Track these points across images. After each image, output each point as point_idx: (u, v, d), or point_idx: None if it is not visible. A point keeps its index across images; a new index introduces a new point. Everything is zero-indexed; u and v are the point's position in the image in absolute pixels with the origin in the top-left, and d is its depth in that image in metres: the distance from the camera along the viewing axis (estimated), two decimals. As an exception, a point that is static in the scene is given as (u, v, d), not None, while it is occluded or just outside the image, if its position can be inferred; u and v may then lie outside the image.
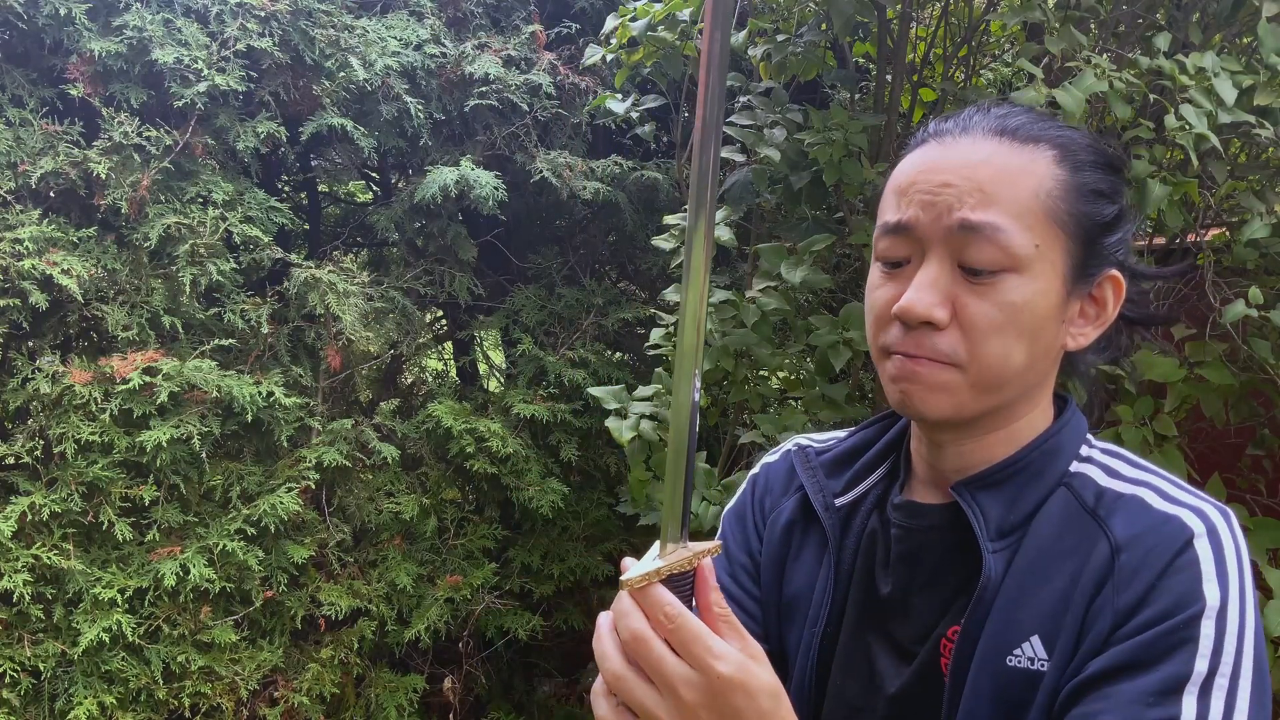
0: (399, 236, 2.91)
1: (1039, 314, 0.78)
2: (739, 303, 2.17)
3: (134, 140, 2.38)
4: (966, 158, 0.79)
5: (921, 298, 0.77)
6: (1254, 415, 2.23)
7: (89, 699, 2.25)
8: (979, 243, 0.76)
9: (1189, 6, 2.31)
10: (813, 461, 0.97)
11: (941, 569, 0.84)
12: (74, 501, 2.28)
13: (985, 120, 0.82)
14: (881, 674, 0.85)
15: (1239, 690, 0.70)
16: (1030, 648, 0.76)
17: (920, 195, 0.79)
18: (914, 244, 0.80)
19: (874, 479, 0.93)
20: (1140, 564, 0.74)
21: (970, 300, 0.77)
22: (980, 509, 0.81)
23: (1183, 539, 0.74)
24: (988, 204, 0.77)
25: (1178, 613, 0.71)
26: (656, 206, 3.18)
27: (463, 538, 2.91)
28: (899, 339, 0.80)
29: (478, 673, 2.95)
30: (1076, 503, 0.80)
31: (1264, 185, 2.24)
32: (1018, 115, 0.82)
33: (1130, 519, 0.77)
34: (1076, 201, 0.79)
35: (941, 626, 0.82)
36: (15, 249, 2.24)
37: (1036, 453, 0.83)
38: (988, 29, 2.73)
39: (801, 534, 0.95)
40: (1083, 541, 0.77)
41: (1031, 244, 0.77)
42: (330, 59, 2.62)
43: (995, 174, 0.78)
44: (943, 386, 0.78)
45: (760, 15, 2.42)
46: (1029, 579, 0.78)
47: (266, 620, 2.55)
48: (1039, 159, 0.79)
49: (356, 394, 3.02)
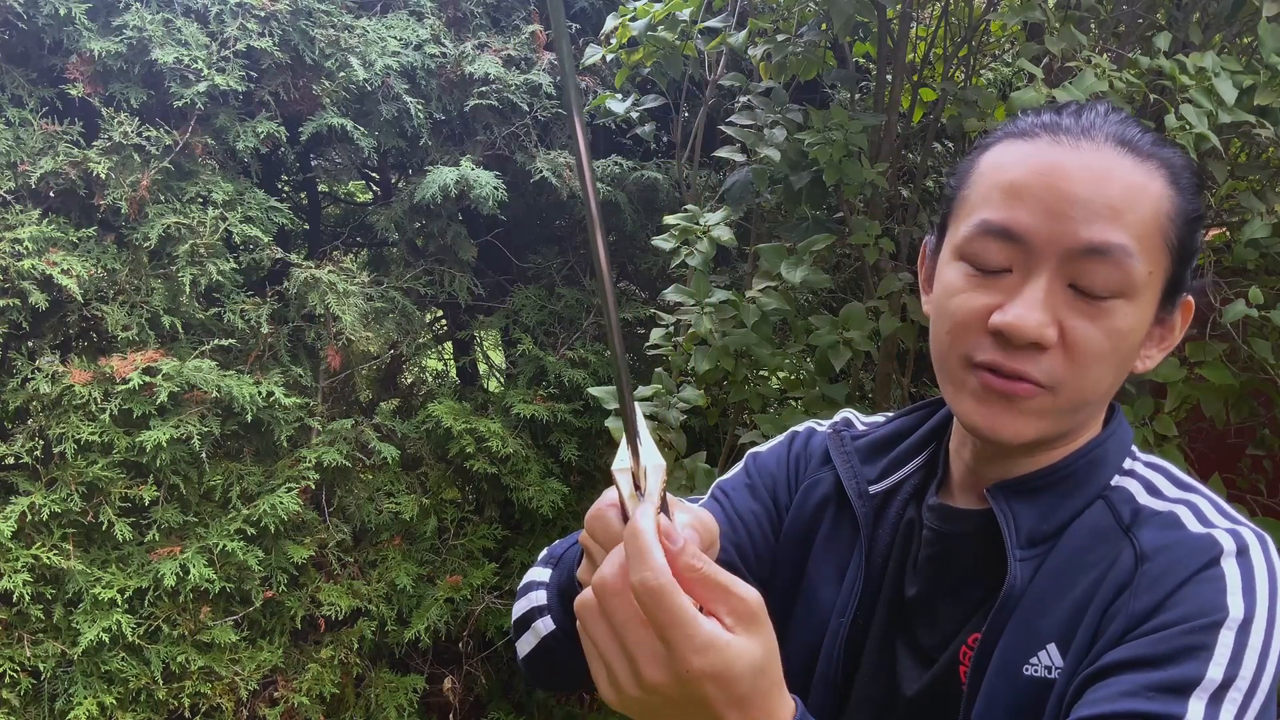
0: (399, 236, 2.91)
1: (1137, 341, 0.75)
2: (739, 303, 2.17)
3: (134, 140, 2.38)
4: (1093, 166, 0.72)
5: (1034, 316, 0.71)
6: (1254, 415, 2.23)
7: (89, 699, 2.25)
8: (1105, 266, 0.71)
9: (1189, 6, 2.31)
10: (847, 445, 0.93)
11: (969, 577, 0.81)
12: (74, 501, 2.28)
13: (1106, 125, 0.75)
14: (901, 676, 0.83)
15: (1252, 706, 0.66)
16: (1046, 656, 0.73)
17: (1039, 201, 0.72)
18: (1023, 254, 0.73)
19: (910, 468, 0.89)
20: (1163, 572, 0.71)
21: (1079, 323, 0.72)
22: (1013, 515, 0.78)
23: (1211, 554, 0.71)
24: (1118, 225, 0.71)
25: (1197, 617, 0.68)
26: (656, 206, 3.18)
27: (463, 538, 2.91)
28: (992, 354, 0.73)
29: (478, 673, 2.95)
30: (1112, 518, 0.77)
31: (1264, 185, 2.24)
32: (1132, 125, 0.76)
33: (1160, 531, 0.74)
34: (1184, 227, 0.75)
35: (964, 634, 0.79)
36: (15, 249, 2.24)
37: (1081, 461, 0.79)
38: (988, 29, 2.73)
39: (835, 515, 0.91)
40: (1109, 555, 0.75)
41: (1146, 270, 0.72)
42: (330, 59, 2.62)
43: (1124, 191, 0.71)
44: (1034, 411, 0.74)
45: (760, 15, 2.42)
46: (1051, 588, 0.75)
47: (266, 620, 2.55)
48: (1155, 177, 0.74)
49: (356, 394, 3.02)
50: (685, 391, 2.18)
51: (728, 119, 2.35)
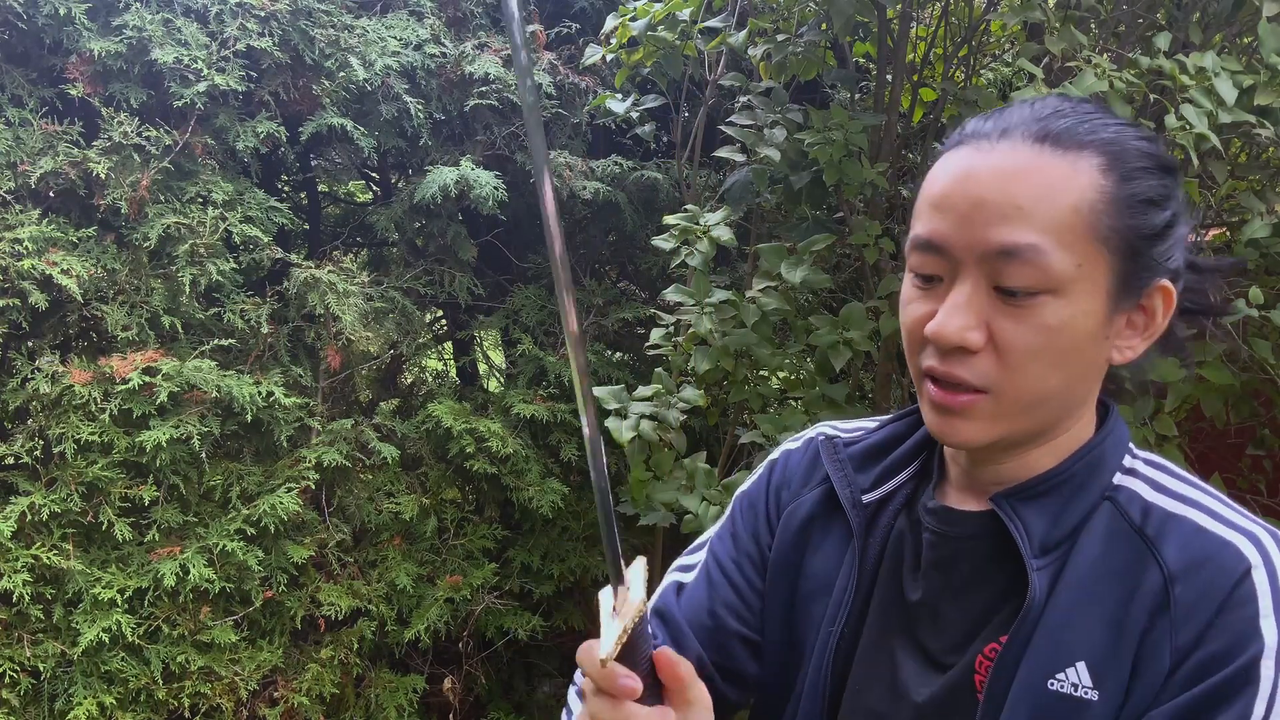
0: (399, 236, 2.91)
1: (1079, 335, 0.74)
2: (739, 303, 2.17)
3: (134, 140, 2.38)
4: (1003, 167, 0.73)
5: (954, 322, 0.74)
6: (1254, 415, 2.23)
7: (89, 699, 2.25)
8: (1017, 265, 0.72)
9: (1189, 6, 2.31)
10: (840, 454, 0.93)
11: (976, 580, 0.81)
12: (74, 501, 2.28)
13: (1026, 122, 0.75)
14: (906, 682, 0.83)
15: None
16: (1075, 673, 0.74)
17: (953, 210, 0.74)
18: (948, 262, 0.75)
19: (903, 477, 0.90)
20: (1197, 600, 0.72)
21: (1006, 324, 0.73)
22: (1023, 523, 0.78)
23: (1239, 571, 0.72)
24: (1026, 223, 0.72)
25: (1237, 654, 0.69)
26: (656, 206, 3.18)
27: (463, 538, 2.91)
28: (931, 361, 0.76)
29: (478, 673, 2.95)
30: (1123, 519, 0.77)
31: (1264, 185, 2.24)
32: (1064, 115, 0.75)
33: (1182, 544, 0.74)
34: (1122, 215, 0.74)
35: (979, 643, 0.79)
36: (15, 249, 2.24)
37: (1080, 464, 0.79)
38: (988, 29, 2.73)
39: (823, 529, 0.92)
40: (1132, 564, 0.75)
41: (1072, 264, 0.72)
42: (330, 59, 2.62)
43: (1033, 189, 0.72)
44: (977, 415, 0.76)
45: (760, 15, 2.42)
46: (1076, 601, 0.75)
47: (266, 620, 2.55)
48: (1082, 168, 0.73)
49: (356, 394, 3.02)
50: (685, 391, 2.18)
51: (728, 119, 2.35)
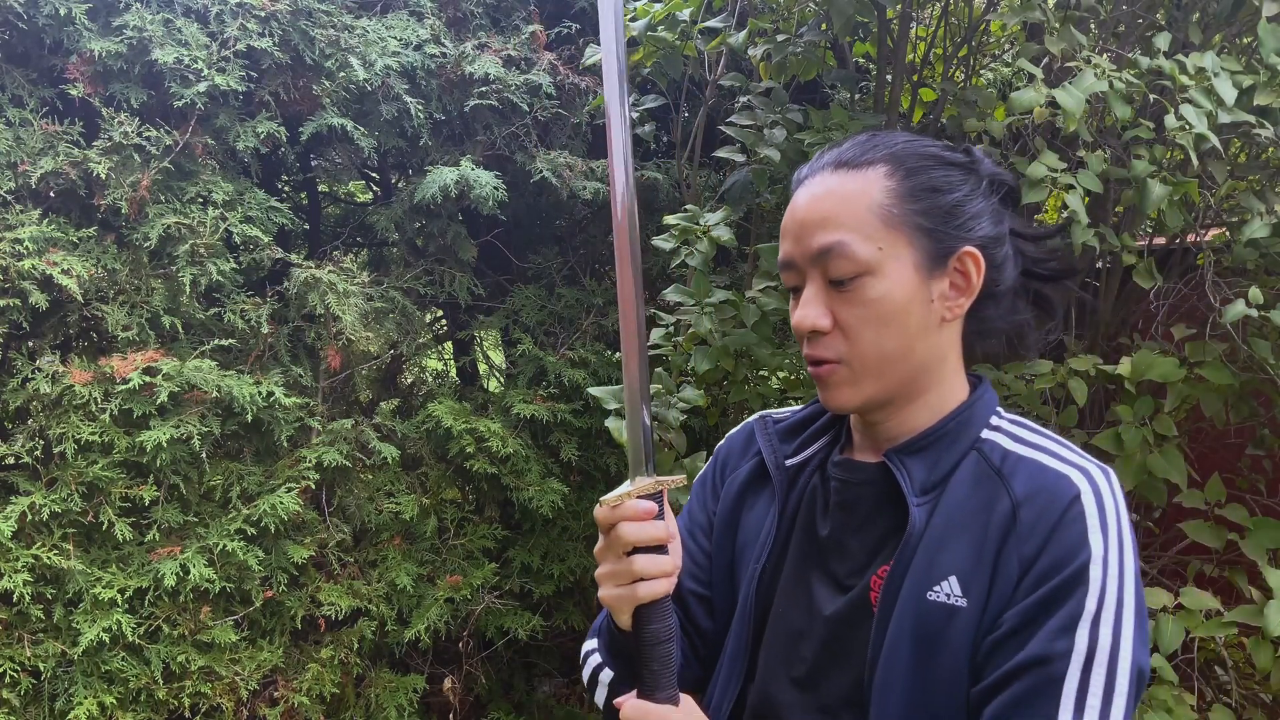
0: (399, 236, 2.91)
1: (897, 302, 0.94)
2: (739, 303, 2.17)
3: (134, 140, 2.38)
4: (815, 194, 0.97)
5: (806, 313, 0.97)
6: (1254, 415, 2.23)
7: (89, 699, 2.25)
8: (834, 260, 0.94)
9: (1189, 6, 2.31)
10: (770, 430, 1.15)
11: (872, 517, 1.01)
12: (74, 501, 2.28)
13: (829, 159, 0.99)
14: (819, 602, 1.02)
15: (1123, 620, 0.86)
16: (948, 585, 0.92)
17: (789, 235, 0.99)
18: (797, 273, 0.98)
19: (819, 445, 1.11)
20: (1036, 519, 0.90)
21: (842, 307, 0.95)
22: (907, 471, 0.98)
23: (1070, 496, 0.90)
24: (833, 228, 0.94)
25: (1070, 561, 0.87)
26: (656, 206, 3.18)
27: (463, 538, 2.91)
28: (806, 349, 0.98)
29: (478, 673, 2.96)
30: (986, 464, 0.96)
31: (1264, 185, 2.24)
32: (853, 146, 0.99)
33: (1027, 478, 0.93)
34: (909, 202, 0.95)
35: (874, 566, 0.98)
36: (15, 249, 2.24)
37: (953, 422, 0.99)
38: (988, 29, 2.73)
39: (755, 492, 1.13)
40: (990, 498, 0.94)
41: (875, 248, 0.94)
42: (330, 59, 2.62)
43: (835, 203, 0.95)
44: (840, 381, 0.97)
45: (760, 15, 2.42)
46: (947, 529, 0.94)
47: (266, 620, 2.55)
48: (871, 177, 0.96)
49: (356, 394, 3.02)
50: (685, 391, 2.18)
51: (728, 119, 2.35)
